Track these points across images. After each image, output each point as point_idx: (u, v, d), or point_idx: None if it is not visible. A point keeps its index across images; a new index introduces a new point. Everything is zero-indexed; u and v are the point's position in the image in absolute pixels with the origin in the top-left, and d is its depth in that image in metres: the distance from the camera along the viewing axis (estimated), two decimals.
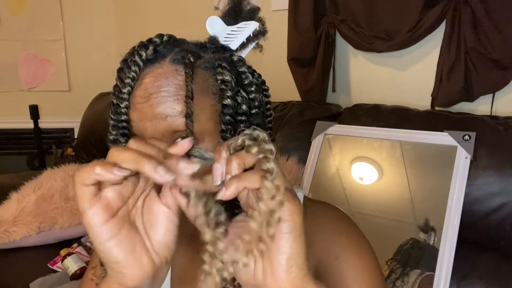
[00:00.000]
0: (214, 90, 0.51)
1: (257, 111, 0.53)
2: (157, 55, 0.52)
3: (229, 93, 0.51)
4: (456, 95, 1.39)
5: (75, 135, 2.52)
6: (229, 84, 0.51)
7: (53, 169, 1.80)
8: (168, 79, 0.49)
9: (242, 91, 0.52)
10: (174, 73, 0.50)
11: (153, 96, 0.49)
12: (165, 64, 0.51)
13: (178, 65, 0.50)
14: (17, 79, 2.60)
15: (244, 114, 0.52)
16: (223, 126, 0.50)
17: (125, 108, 0.50)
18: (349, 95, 1.73)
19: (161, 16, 2.35)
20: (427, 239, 1.18)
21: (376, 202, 1.31)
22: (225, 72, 0.51)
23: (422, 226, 1.20)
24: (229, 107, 0.50)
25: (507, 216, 1.14)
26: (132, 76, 0.51)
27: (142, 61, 0.51)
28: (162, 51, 0.52)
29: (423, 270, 1.15)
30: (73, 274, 1.40)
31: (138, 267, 0.39)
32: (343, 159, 1.40)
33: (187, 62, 0.50)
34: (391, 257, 1.21)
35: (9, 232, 1.51)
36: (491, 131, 1.20)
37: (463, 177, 1.16)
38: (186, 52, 0.51)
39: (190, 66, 0.49)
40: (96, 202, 0.37)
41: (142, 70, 0.51)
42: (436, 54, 1.44)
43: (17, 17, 2.54)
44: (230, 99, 0.50)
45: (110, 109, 0.54)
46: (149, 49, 0.52)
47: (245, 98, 0.52)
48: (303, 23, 1.65)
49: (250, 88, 0.53)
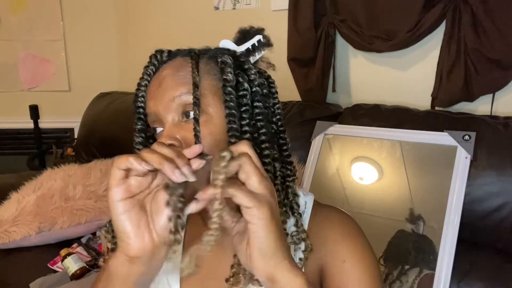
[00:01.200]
0: (216, 72, 0.60)
1: (257, 89, 0.61)
2: (170, 57, 0.63)
3: (228, 69, 0.59)
4: (456, 95, 1.39)
5: (75, 135, 2.52)
6: (228, 63, 0.60)
7: (53, 169, 1.80)
8: (176, 67, 0.60)
9: (243, 73, 0.61)
10: (183, 63, 0.60)
11: (163, 81, 0.59)
12: (177, 59, 0.62)
13: (186, 58, 0.61)
14: (17, 79, 2.60)
15: (245, 90, 0.60)
16: (226, 97, 0.58)
17: (141, 97, 0.61)
18: (349, 95, 1.73)
19: (161, 16, 2.35)
20: (415, 229, 1.19)
21: (376, 202, 1.31)
22: (225, 56, 0.61)
23: (408, 217, 1.20)
24: (228, 81, 0.59)
25: (507, 216, 1.15)
26: (149, 72, 0.63)
27: (158, 61, 0.63)
28: (175, 53, 0.64)
29: (421, 268, 1.15)
30: (73, 274, 1.40)
31: (140, 240, 0.48)
32: (343, 159, 1.40)
33: (192, 54, 0.61)
34: (382, 254, 1.21)
35: (9, 232, 1.51)
36: (491, 131, 1.20)
37: (463, 177, 1.16)
38: (192, 49, 0.63)
39: (195, 55, 0.60)
40: (121, 184, 0.47)
41: (158, 69, 0.62)
42: (436, 54, 1.44)
43: (17, 17, 2.54)
44: (230, 74, 0.59)
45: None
46: (165, 52, 0.64)
47: (246, 78, 0.61)
48: (303, 23, 1.65)
49: (250, 71, 0.61)
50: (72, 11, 2.58)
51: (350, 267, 0.60)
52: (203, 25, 2.12)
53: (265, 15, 1.91)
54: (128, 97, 2.15)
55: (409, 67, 1.56)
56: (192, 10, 2.18)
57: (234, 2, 2.02)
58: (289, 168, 0.64)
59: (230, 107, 0.58)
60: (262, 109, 0.61)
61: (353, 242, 0.63)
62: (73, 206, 1.58)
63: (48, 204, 1.57)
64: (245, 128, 0.59)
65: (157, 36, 2.38)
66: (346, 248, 0.62)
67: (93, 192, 1.63)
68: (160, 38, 2.35)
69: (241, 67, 0.62)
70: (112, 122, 2.06)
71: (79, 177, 1.69)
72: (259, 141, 0.59)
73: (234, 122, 0.58)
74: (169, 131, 0.57)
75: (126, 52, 2.61)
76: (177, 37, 2.19)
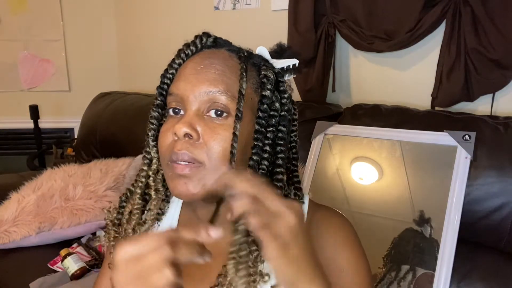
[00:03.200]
0: (255, 82, 0.60)
1: (285, 114, 0.61)
2: (216, 44, 0.63)
3: (269, 86, 0.60)
4: (456, 95, 1.39)
5: (75, 135, 2.52)
6: (270, 80, 0.60)
7: (53, 169, 1.80)
8: (220, 59, 0.58)
9: (278, 93, 0.62)
10: (228, 57, 0.59)
11: (203, 69, 0.57)
12: (221, 50, 0.61)
13: (232, 54, 0.60)
14: (17, 79, 2.60)
15: (276, 110, 0.60)
16: (260, 114, 0.58)
17: (170, 74, 0.61)
18: (349, 95, 1.73)
19: (161, 16, 2.35)
20: (424, 231, 1.18)
21: (376, 202, 1.31)
22: (269, 70, 0.61)
23: (417, 219, 1.20)
24: (267, 98, 0.59)
25: (507, 216, 1.14)
26: (187, 53, 0.61)
27: (202, 44, 0.62)
28: (221, 42, 0.63)
29: (419, 268, 1.15)
30: (73, 274, 1.40)
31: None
32: (343, 159, 1.40)
33: (241, 55, 0.60)
34: (386, 253, 1.21)
35: (9, 232, 1.51)
36: (491, 131, 1.20)
37: (463, 177, 1.16)
38: (241, 48, 0.63)
39: (244, 61, 0.59)
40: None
41: (199, 51, 0.61)
42: (436, 54, 1.44)
43: (17, 17, 2.54)
44: (269, 91, 0.59)
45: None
46: (211, 37, 0.63)
47: (278, 99, 0.61)
48: (303, 23, 1.65)
49: (284, 94, 0.62)
50: (72, 11, 2.58)
51: (348, 277, 0.61)
52: (203, 25, 2.10)
53: (265, 15, 1.91)
54: (128, 97, 2.15)
55: (409, 67, 1.56)
56: (192, 10, 2.18)
57: (234, 2, 2.02)
58: (298, 194, 0.65)
59: (261, 124, 0.59)
60: (285, 134, 0.61)
61: (351, 250, 0.63)
62: (73, 206, 1.58)
63: (48, 204, 1.57)
64: (266, 147, 0.59)
65: (157, 36, 2.38)
66: (346, 257, 0.62)
67: (93, 192, 1.63)
68: (160, 38, 2.35)
69: (278, 86, 0.62)
70: (112, 122, 2.06)
71: (79, 177, 1.69)
72: (275, 164, 0.60)
73: (260, 140, 0.58)
74: (191, 120, 0.56)
75: (126, 52, 2.61)
76: (177, 37, 2.18)
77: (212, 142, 0.55)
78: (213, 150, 0.55)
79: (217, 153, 0.55)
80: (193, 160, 0.55)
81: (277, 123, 0.61)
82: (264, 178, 0.54)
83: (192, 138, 0.55)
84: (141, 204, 0.64)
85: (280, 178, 0.59)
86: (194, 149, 0.55)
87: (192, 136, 0.55)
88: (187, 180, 0.55)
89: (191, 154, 0.55)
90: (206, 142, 0.55)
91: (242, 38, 0.66)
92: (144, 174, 0.64)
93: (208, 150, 0.55)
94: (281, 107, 0.61)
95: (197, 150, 0.55)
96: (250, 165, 0.57)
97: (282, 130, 0.61)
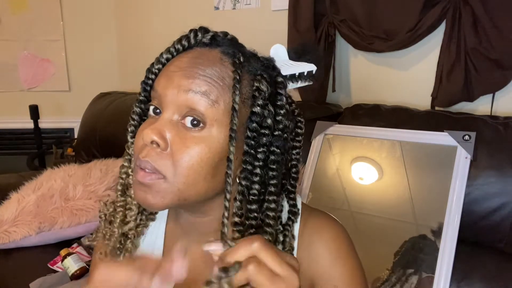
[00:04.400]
0: (246, 92, 0.53)
1: (280, 133, 0.54)
2: (212, 42, 0.55)
3: (260, 101, 0.52)
4: (456, 95, 1.39)
5: (75, 135, 2.52)
6: (263, 94, 0.52)
7: (53, 169, 1.80)
8: (210, 61, 0.52)
9: (271, 107, 0.53)
10: (218, 61, 0.52)
11: (187, 69, 0.51)
12: (215, 51, 0.54)
13: (225, 57, 0.53)
14: (17, 79, 2.60)
15: (268, 128, 0.52)
16: (249, 133, 0.52)
17: (157, 70, 0.55)
18: (349, 95, 1.73)
19: (161, 16, 2.35)
20: (437, 241, 1.17)
21: (376, 202, 1.31)
22: (263, 82, 0.53)
23: (435, 230, 1.18)
24: (257, 115, 0.52)
25: (507, 216, 1.14)
26: (177, 48, 0.55)
27: (196, 40, 0.55)
28: (219, 41, 0.55)
29: (421, 271, 1.15)
30: (73, 274, 1.40)
31: None
32: (343, 159, 1.40)
33: (236, 61, 0.52)
34: (394, 261, 1.20)
35: (9, 232, 1.51)
36: (491, 131, 1.20)
37: (463, 177, 1.16)
38: (238, 51, 0.54)
39: (238, 67, 0.51)
40: None
41: (192, 47, 0.55)
42: (436, 54, 1.44)
43: (17, 17, 2.54)
44: (260, 108, 0.52)
45: None
46: (208, 34, 0.55)
47: (272, 114, 0.53)
48: (303, 23, 1.65)
49: (280, 110, 0.54)
50: (72, 11, 2.58)
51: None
52: (203, 25, 2.12)
53: (265, 15, 1.91)
54: (128, 97, 2.15)
55: (409, 67, 1.56)
56: (192, 10, 2.18)
57: (234, 2, 2.02)
58: (292, 219, 0.59)
59: (249, 145, 0.52)
60: (279, 156, 0.54)
61: (345, 263, 0.60)
62: (73, 206, 1.58)
63: (48, 204, 1.57)
64: (257, 170, 0.52)
65: (157, 36, 2.38)
66: (339, 271, 0.59)
67: (93, 192, 1.63)
68: (160, 38, 2.35)
69: (274, 99, 0.54)
70: (112, 122, 2.06)
71: (79, 177, 1.69)
72: (267, 191, 0.53)
73: (250, 163, 0.52)
74: (162, 126, 0.50)
75: (126, 52, 2.61)
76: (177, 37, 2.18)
77: (179, 155, 0.49)
78: (178, 164, 0.49)
79: (182, 168, 0.49)
80: (155, 171, 0.50)
81: (269, 143, 0.53)
82: (257, 227, 0.51)
83: (159, 146, 0.50)
84: (124, 202, 0.60)
85: (273, 207, 0.53)
86: (159, 159, 0.50)
87: (159, 144, 0.49)
88: (146, 189, 0.51)
89: (153, 164, 0.50)
90: (173, 154, 0.50)
91: (242, 38, 0.64)
92: (125, 171, 0.59)
93: (174, 163, 0.49)
94: (275, 125, 0.53)
95: (162, 161, 0.50)
96: (239, 191, 0.51)
97: (275, 152, 0.53)
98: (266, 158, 0.53)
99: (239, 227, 0.51)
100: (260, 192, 0.53)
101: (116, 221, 0.60)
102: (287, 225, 0.58)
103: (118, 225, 0.59)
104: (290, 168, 0.60)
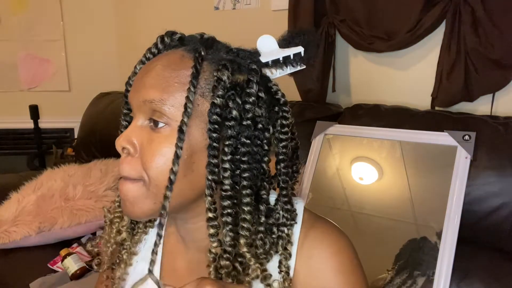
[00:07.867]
0: (209, 83, 0.51)
1: (249, 123, 0.51)
2: (180, 43, 0.55)
3: (220, 92, 0.50)
4: (456, 95, 1.39)
5: (75, 135, 2.52)
6: (222, 84, 0.50)
7: (53, 169, 1.80)
8: (169, 62, 0.52)
9: (237, 98, 0.50)
10: (178, 59, 0.52)
11: (145, 75, 0.52)
12: (177, 51, 0.53)
13: (188, 54, 0.52)
14: (17, 79, 2.60)
15: (233, 119, 0.50)
16: (210, 125, 0.49)
17: (132, 81, 0.55)
18: (349, 95, 1.73)
19: (161, 16, 2.35)
20: (437, 242, 1.16)
21: (376, 202, 1.31)
22: (224, 72, 0.50)
23: (435, 230, 1.17)
24: (216, 106, 0.49)
25: (507, 216, 1.14)
26: (148, 56, 0.55)
27: (164, 45, 0.55)
28: (187, 41, 0.55)
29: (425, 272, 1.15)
30: (73, 274, 1.40)
31: None
32: (343, 159, 1.40)
33: (196, 56, 0.51)
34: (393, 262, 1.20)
35: (9, 232, 1.51)
36: (491, 131, 1.20)
37: (463, 177, 1.16)
38: (204, 46, 0.53)
39: (197, 61, 0.50)
40: None
41: (161, 53, 0.55)
42: (436, 54, 1.44)
43: (17, 17, 2.54)
44: (220, 98, 0.49)
45: None
46: (176, 36, 0.55)
47: (238, 105, 0.50)
48: (303, 23, 1.64)
49: (248, 98, 0.51)
50: (72, 11, 2.58)
51: None
52: (203, 25, 2.10)
53: (265, 15, 1.91)
54: None
55: (409, 67, 1.56)
56: (192, 10, 2.18)
57: (234, 2, 2.02)
58: (285, 216, 0.55)
59: (211, 138, 0.49)
60: (249, 147, 0.51)
61: (346, 280, 0.56)
62: (73, 206, 1.58)
63: (48, 204, 1.57)
64: (225, 165, 0.50)
65: (157, 36, 2.38)
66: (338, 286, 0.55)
67: (93, 192, 1.63)
68: None
69: (240, 89, 0.51)
70: (112, 122, 2.06)
71: (79, 177, 1.69)
72: (239, 186, 0.51)
73: (214, 156, 0.49)
74: (131, 132, 0.52)
75: (126, 52, 2.61)
76: None
77: (146, 157, 0.50)
78: (147, 166, 0.50)
79: (152, 170, 0.50)
80: (129, 177, 0.51)
81: (237, 134, 0.50)
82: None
83: (130, 152, 0.51)
84: (120, 213, 0.61)
85: (247, 201, 0.50)
86: (128, 164, 0.51)
87: (129, 150, 0.51)
88: (125, 199, 0.52)
89: (124, 170, 0.51)
90: (142, 157, 0.51)
91: (242, 38, 0.63)
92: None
93: (143, 165, 0.50)
94: (243, 115, 0.50)
95: (131, 166, 0.51)
96: (207, 186, 0.50)
97: (245, 143, 0.50)
98: (234, 150, 0.50)
99: (213, 222, 0.50)
100: (233, 187, 0.50)
101: (113, 231, 0.61)
102: (282, 225, 0.54)
103: (115, 235, 0.61)
104: (278, 163, 0.54)
